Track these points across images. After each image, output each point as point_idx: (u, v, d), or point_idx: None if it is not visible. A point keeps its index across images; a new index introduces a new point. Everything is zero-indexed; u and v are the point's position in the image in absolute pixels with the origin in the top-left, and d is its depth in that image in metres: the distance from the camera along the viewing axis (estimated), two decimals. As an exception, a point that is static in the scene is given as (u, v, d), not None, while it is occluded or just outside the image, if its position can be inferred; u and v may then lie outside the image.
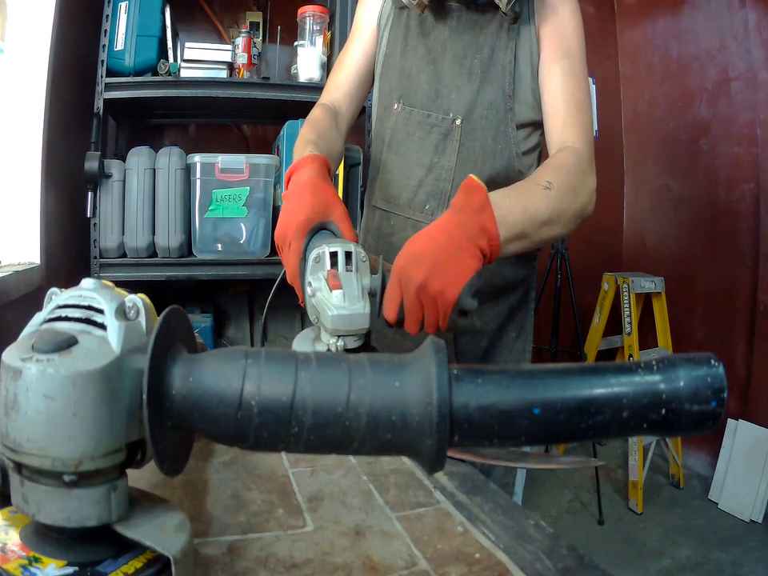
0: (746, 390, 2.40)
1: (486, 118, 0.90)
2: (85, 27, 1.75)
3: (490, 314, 0.97)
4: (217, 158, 1.69)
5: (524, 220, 0.71)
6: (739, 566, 1.98)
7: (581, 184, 0.81)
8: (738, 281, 2.50)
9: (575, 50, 0.91)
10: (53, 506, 0.31)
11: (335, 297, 0.62)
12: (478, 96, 0.90)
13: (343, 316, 0.61)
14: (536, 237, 0.74)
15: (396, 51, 0.97)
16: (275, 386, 0.32)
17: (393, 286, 0.67)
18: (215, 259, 1.75)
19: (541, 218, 0.73)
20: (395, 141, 0.96)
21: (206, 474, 0.56)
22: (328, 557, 0.42)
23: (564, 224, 0.78)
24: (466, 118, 0.91)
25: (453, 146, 0.91)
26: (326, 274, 0.64)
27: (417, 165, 0.94)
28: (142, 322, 0.35)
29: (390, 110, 0.97)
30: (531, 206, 0.72)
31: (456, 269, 0.65)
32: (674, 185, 2.86)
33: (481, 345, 0.98)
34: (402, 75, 0.96)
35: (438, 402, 0.30)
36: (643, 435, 0.32)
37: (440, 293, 0.64)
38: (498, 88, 0.90)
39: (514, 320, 1.00)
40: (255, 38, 1.97)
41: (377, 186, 1.01)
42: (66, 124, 1.62)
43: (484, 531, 0.47)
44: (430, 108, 0.93)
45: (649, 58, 2.97)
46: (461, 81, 0.91)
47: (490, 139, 0.91)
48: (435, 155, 0.92)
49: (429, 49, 0.93)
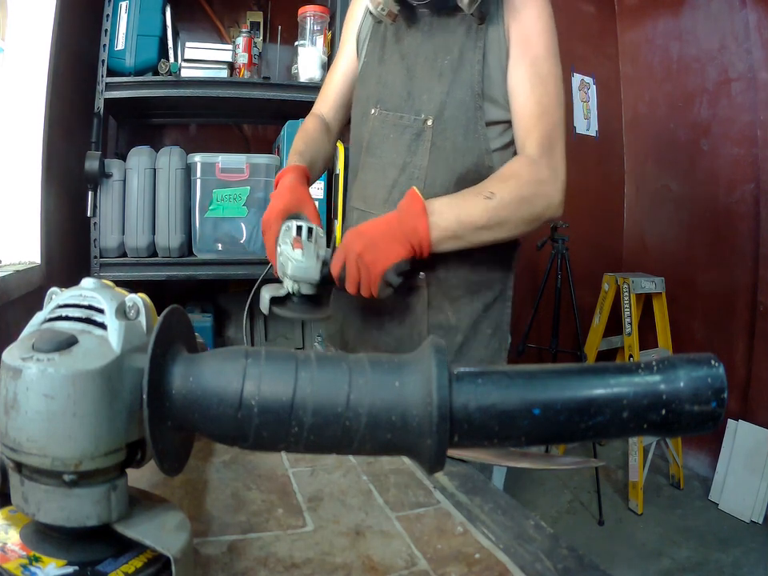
0: (746, 391, 2.40)
1: (456, 117, 0.93)
2: (85, 27, 1.75)
3: (464, 310, 0.99)
4: (217, 157, 1.69)
5: (456, 226, 0.86)
6: (739, 567, 1.98)
7: (532, 193, 0.89)
8: (738, 281, 2.50)
9: (542, 52, 0.92)
10: (53, 505, 0.31)
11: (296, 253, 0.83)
12: (448, 96, 0.93)
13: (300, 266, 0.83)
14: (473, 239, 0.88)
15: (374, 60, 1.02)
16: (275, 386, 0.32)
17: (339, 252, 0.86)
18: (215, 259, 1.75)
19: (476, 225, 0.86)
20: (372, 144, 1.01)
21: (206, 473, 0.56)
22: (328, 556, 0.42)
23: (510, 229, 0.89)
24: (437, 117, 0.94)
25: (425, 146, 0.95)
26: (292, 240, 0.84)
27: (391, 165, 0.98)
28: (142, 321, 0.35)
29: (367, 115, 1.02)
30: (466, 214, 0.86)
31: (387, 250, 0.83)
32: (674, 185, 2.86)
33: (455, 340, 0.99)
34: (378, 82, 1.01)
35: (438, 403, 0.30)
36: (643, 436, 0.32)
37: (372, 263, 0.83)
38: (467, 87, 0.92)
39: (489, 317, 1.02)
40: (256, 38, 1.97)
41: (355, 187, 1.06)
42: (66, 124, 1.62)
43: (484, 531, 0.47)
44: (402, 110, 0.97)
45: (649, 58, 2.97)
46: (432, 82, 0.95)
47: (460, 137, 0.94)
48: (408, 155, 0.96)
49: (403, 55, 0.98)
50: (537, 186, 0.89)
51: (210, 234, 1.73)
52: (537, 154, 0.91)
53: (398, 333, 1.01)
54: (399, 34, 0.99)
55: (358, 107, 1.06)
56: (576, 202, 1.05)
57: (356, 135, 1.07)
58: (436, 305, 0.99)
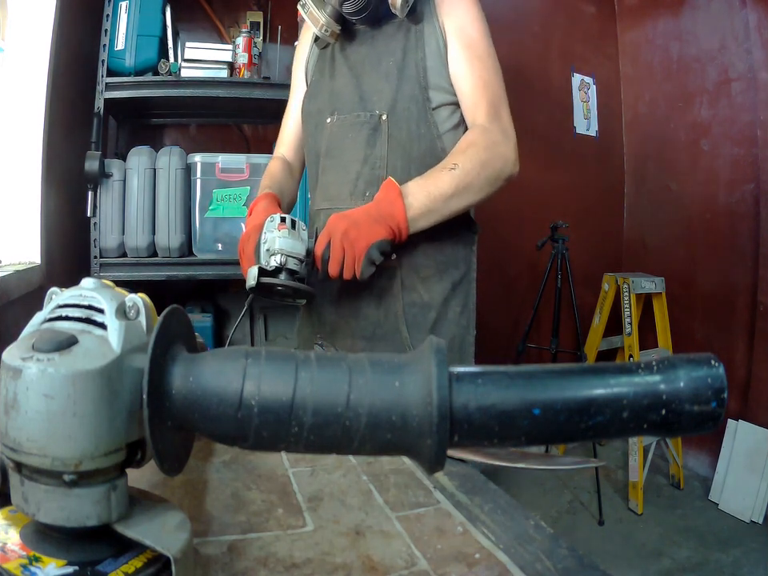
0: (746, 391, 2.40)
1: (407, 109, 1.03)
2: (85, 27, 1.75)
3: (436, 288, 1.07)
4: (217, 157, 1.69)
5: (428, 202, 0.94)
6: (739, 567, 1.97)
7: (490, 155, 0.99)
8: (738, 281, 2.50)
9: (477, 36, 1.04)
10: (53, 505, 0.31)
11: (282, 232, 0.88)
12: (397, 93, 1.03)
13: (287, 240, 0.88)
14: (445, 210, 0.96)
15: (323, 77, 1.12)
16: (275, 386, 0.32)
17: (325, 231, 0.92)
18: (215, 259, 1.75)
19: (446, 195, 0.95)
20: (331, 147, 1.08)
21: (206, 473, 0.56)
22: (328, 557, 0.42)
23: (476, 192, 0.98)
24: (390, 112, 1.03)
25: (382, 138, 1.04)
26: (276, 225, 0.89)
27: (353, 161, 1.06)
28: (142, 321, 0.35)
29: (322, 125, 1.10)
30: (435, 189, 0.94)
31: (369, 229, 0.90)
32: (674, 185, 2.86)
33: (429, 317, 1.07)
34: (331, 95, 1.10)
35: (437, 403, 0.30)
36: (643, 436, 0.32)
37: (356, 239, 0.89)
38: (414, 82, 1.03)
39: (457, 296, 1.10)
40: (256, 38, 1.97)
41: (317, 193, 1.13)
42: (66, 124, 1.62)
43: (484, 531, 0.47)
44: (357, 110, 1.06)
45: (649, 58, 2.97)
46: (380, 84, 1.04)
47: (413, 126, 1.03)
48: (368, 148, 1.04)
49: (350, 67, 1.08)
50: (493, 149, 1.00)
51: (209, 233, 1.73)
52: (487, 121, 1.02)
53: (375, 316, 1.06)
54: (345, 51, 1.10)
55: (310, 120, 1.14)
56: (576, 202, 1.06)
57: (311, 146, 1.15)
58: (409, 284, 1.06)
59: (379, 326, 1.06)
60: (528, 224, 2.76)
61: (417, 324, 1.06)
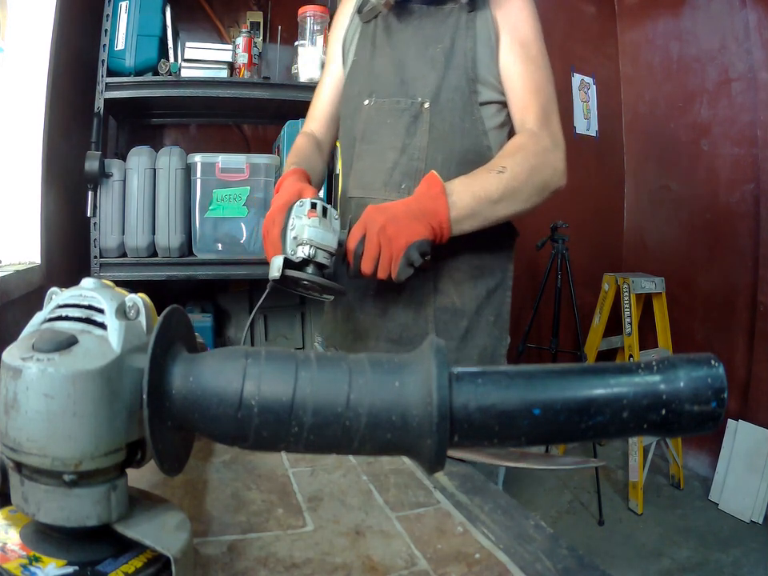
0: (746, 391, 2.40)
1: (452, 100, 0.97)
2: (85, 27, 1.75)
3: (468, 294, 1.01)
4: (217, 157, 1.69)
5: (474, 203, 0.87)
6: (739, 567, 1.97)
7: (539, 162, 0.93)
8: (738, 281, 2.50)
9: (530, 36, 0.99)
10: (53, 505, 0.31)
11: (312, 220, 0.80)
12: (443, 81, 0.97)
13: (318, 231, 0.80)
14: (490, 214, 0.89)
15: (364, 57, 1.05)
16: (275, 386, 0.32)
17: (360, 223, 0.84)
18: (215, 259, 1.75)
19: (491, 199, 0.88)
20: (368, 132, 1.02)
21: (206, 473, 0.56)
22: (328, 557, 0.42)
23: (523, 199, 0.92)
24: (433, 101, 0.97)
25: (423, 127, 0.97)
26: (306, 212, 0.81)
27: (389, 149, 0.99)
28: (142, 321, 0.35)
29: (359, 108, 1.03)
30: (481, 190, 0.88)
31: (409, 226, 0.82)
32: (674, 185, 2.86)
33: (461, 325, 1.01)
34: (370, 76, 1.03)
35: (437, 403, 0.30)
36: (643, 436, 0.32)
37: (395, 236, 0.81)
38: (461, 73, 0.97)
39: (491, 304, 1.03)
40: (256, 38, 1.97)
41: (350, 179, 1.05)
42: (66, 124, 1.62)
43: (484, 531, 0.47)
44: (397, 95, 1.00)
45: (649, 58, 2.97)
46: (425, 69, 0.98)
47: (457, 119, 0.97)
48: (407, 137, 0.98)
49: (393, 48, 1.01)
50: (542, 156, 0.93)
51: (210, 234, 1.73)
52: (536, 126, 0.96)
53: (404, 318, 1.00)
54: (389, 30, 1.02)
55: (349, 103, 1.07)
56: (576, 202, 1.06)
57: (347, 129, 1.08)
58: (442, 288, 0.99)
59: (407, 328, 1.00)
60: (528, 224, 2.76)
61: (447, 331, 1.00)
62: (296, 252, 0.80)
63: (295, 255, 0.80)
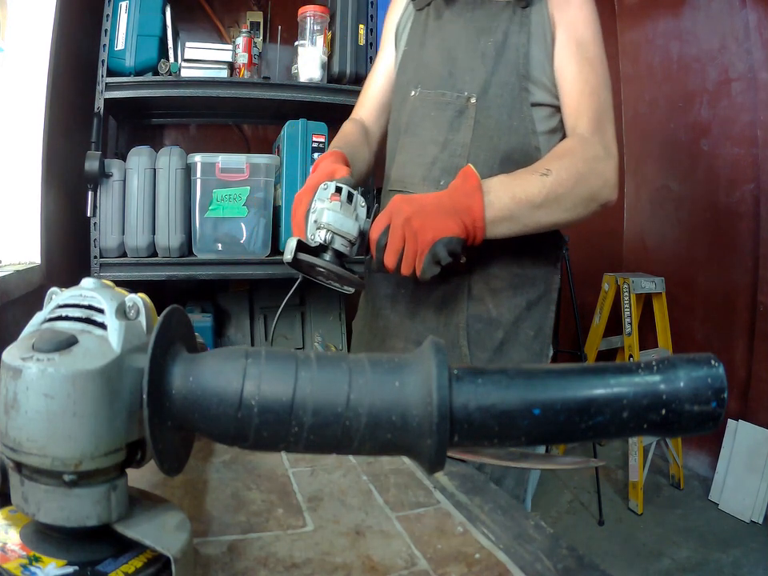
0: (746, 391, 2.40)
1: (500, 96, 0.91)
2: (85, 27, 1.75)
3: (506, 304, 0.95)
4: (217, 157, 1.69)
5: (512, 205, 0.80)
6: (739, 567, 1.97)
7: (588, 170, 0.86)
8: (738, 281, 2.50)
9: (588, 37, 0.92)
10: (53, 505, 0.31)
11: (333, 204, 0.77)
12: (492, 76, 0.92)
13: (338, 216, 0.76)
14: (529, 220, 0.82)
15: (414, 47, 1.01)
16: (275, 386, 0.32)
17: (385, 212, 0.79)
18: (215, 259, 1.75)
19: (533, 203, 0.81)
20: (412, 124, 0.98)
21: (206, 473, 0.56)
22: (328, 557, 0.42)
23: (567, 208, 0.84)
24: (480, 96, 0.92)
25: (468, 123, 0.92)
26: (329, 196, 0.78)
27: (431, 143, 0.94)
28: (142, 321, 0.35)
29: (406, 98, 0.99)
30: (522, 192, 0.81)
31: (438, 220, 0.76)
32: (674, 185, 2.86)
33: (495, 336, 0.94)
34: (419, 66, 0.99)
35: (437, 403, 0.30)
36: (643, 436, 0.32)
37: (421, 229, 0.75)
38: (512, 69, 0.91)
39: (532, 317, 0.96)
40: (256, 38, 1.97)
41: (392, 171, 1.01)
42: (66, 124, 1.62)
43: (484, 531, 0.47)
44: (444, 88, 0.95)
45: (649, 58, 2.97)
46: (474, 63, 0.93)
47: (504, 116, 0.91)
48: (450, 132, 0.93)
49: (443, 38, 0.97)
50: (592, 163, 0.87)
51: (210, 233, 1.73)
52: (589, 132, 0.90)
53: (434, 322, 0.95)
54: (440, 19, 0.98)
55: (398, 93, 1.03)
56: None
57: (394, 119, 1.04)
58: (477, 295, 0.94)
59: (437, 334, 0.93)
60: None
61: (481, 341, 0.94)
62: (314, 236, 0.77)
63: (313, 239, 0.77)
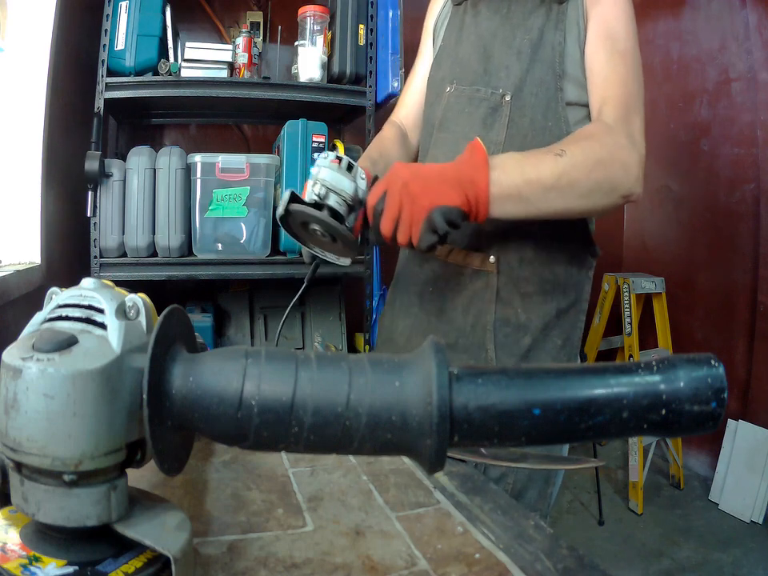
0: (746, 391, 2.40)
1: (535, 95, 0.89)
2: (85, 27, 1.76)
3: (535, 310, 0.92)
4: (217, 157, 1.69)
5: (522, 184, 0.76)
6: (739, 567, 1.97)
7: (608, 156, 0.80)
8: (739, 281, 2.50)
9: (620, 32, 0.89)
10: (53, 505, 0.31)
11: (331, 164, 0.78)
12: (527, 74, 0.90)
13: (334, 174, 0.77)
14: (542, 203, 0.77)
15: (451, 43, 1.01)
16: (275, 386, 0.32)
17: (383, 179, 0.78)
18: (215, 259, 1.75)
19: (544, 184, 0.76)
20: (446, 120, 0.97)
21: (206, 473, 0.56)
22: (328, 557, 0.42)
23: (582, 194, 0.78)
24: (515, 94, 0.90)
25: (502, 121, 0.90)
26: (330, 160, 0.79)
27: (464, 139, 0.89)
28: (142, 321, 0.35)
29: (441, 94, 0.98)
30: (533, 170, 0.76)
31: (438, 188, 0.74)
32: (674, 185, 2.86)
33: (523, 342, 0.91)
34: (454, 62, 0.98)
35: (438, 403, 0.30)
36: (643, 436, 0.32)
37: (419, 195, 0.73)
38: (547, 67, 0.89)
39: (560, 326, 0.93)
40: (256, 38, 1.97)
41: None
42: (66, 124, 1.62)
43: (484, 531, 0.47)
44: (478, 84, 0.93)
45: (649, 58, 2.97)
46: (509, 60, 0.92)
47: (539, 116, 0.89)
48: (483, 129, 0.91)
49: (479, 35, 0.96)
50: (613, 150, 0.80)
51: (210, 233, 1.73)
52: (613, 120, 0.84)
53: (461, 322, 0.93)
54: (478, 18, 0.97)
55: (432, 88, 1.03)
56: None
57: (428, 115, 1.03)
58: (505, 297, 0.91)
59: (464, 335, 0.92)
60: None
61: (507, 346, 0.91)
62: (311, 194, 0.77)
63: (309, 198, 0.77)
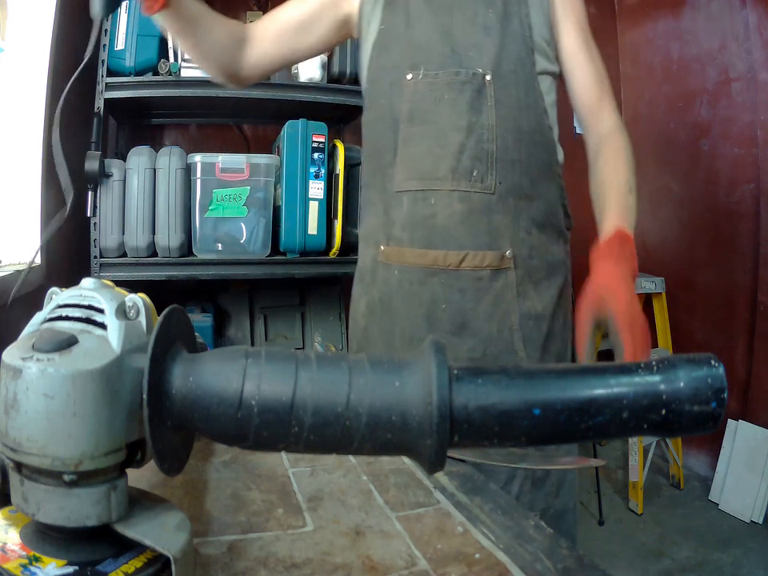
0: (746, 391, 2.40)
1: (514, 72, 0.86)
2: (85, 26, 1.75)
3: (545, 295, 0.92)
4: (217, 157, 1.69)
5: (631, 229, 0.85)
6: (739, 567, 1.97)
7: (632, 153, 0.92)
8: (739, 281, 2.50)
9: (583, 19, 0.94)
10: (53, 505, 0.31)
11: None
12: (502, 50, 0.86)
13: None
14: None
15: (398, 26, 0.92)
16: (275, 386, 0.32)
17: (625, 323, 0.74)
18: (215, 259, 1.75)
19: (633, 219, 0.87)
20: (418, 111, 0.88)
21: (206, 473, 0.56)
22: (328, 557, 0.42)
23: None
24: (494, 73, 0.86)
25: (489, 103, 0.86)
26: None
27: (452, 129, 0.86)
28: (142, 321, 0.35)
29: (398, 84, 0.90)
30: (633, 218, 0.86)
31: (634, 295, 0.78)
32: (674, 185, 2.86)
33: (542, 330, 0.90)
34: (410, 47, 0.90)
35: (438, 403, 0.30)
36: (643, 436, 0.32)
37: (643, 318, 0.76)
38: (520, 41, 0.87)
39: (561, 306, 0.95)
40: (256, 38, 1.96)
41: (398, 169, 0.91)
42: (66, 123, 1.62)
43: (484, 531, 0.47)
44: (451, 66, 0.87)
45: (649, 58, 2.97)
46: (477, 37, 0.87)
47: (522, 94, 0.87)
48: (473, 114, 0.86)
49: (435, 14, 0.89)
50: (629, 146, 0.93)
51: (210, 233, 1.73)
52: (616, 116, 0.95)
53: (486, 332, 0.87)
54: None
55: (383, 78, 0.93)
56: (576, 202, 1.04)
57: (384, 110, 0.93)
58: (522, 291, 0.89)
59: (492, 343, 0.87)
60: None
61: (532, 340, 0.88)
62: None
63: None
